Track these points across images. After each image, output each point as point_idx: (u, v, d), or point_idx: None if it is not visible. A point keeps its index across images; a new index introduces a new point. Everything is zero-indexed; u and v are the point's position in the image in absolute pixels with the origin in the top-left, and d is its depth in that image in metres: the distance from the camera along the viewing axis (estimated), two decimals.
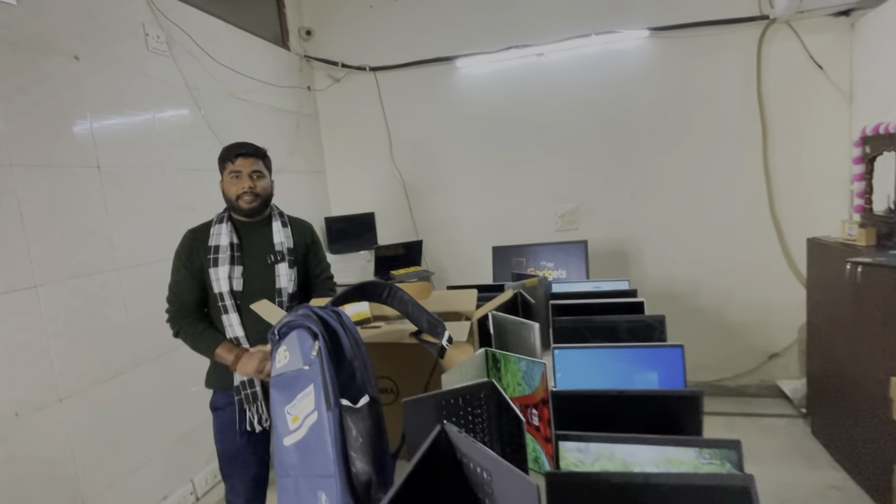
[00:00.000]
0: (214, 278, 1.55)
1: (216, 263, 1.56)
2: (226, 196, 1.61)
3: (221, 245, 1.57)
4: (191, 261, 1.57)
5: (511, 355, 1.13)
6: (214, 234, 1.59)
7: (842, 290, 2.02)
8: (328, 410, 0.89)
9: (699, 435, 1.03)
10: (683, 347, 1.29)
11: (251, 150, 1.63)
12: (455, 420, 0.96)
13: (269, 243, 1.64)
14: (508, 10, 2.94)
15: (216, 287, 1.55)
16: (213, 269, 1.55)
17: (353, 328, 1.00)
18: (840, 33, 2.53)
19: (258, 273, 1.61)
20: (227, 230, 1.59)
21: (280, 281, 1.62)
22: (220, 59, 2.41)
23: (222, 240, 1.57)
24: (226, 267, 1.55)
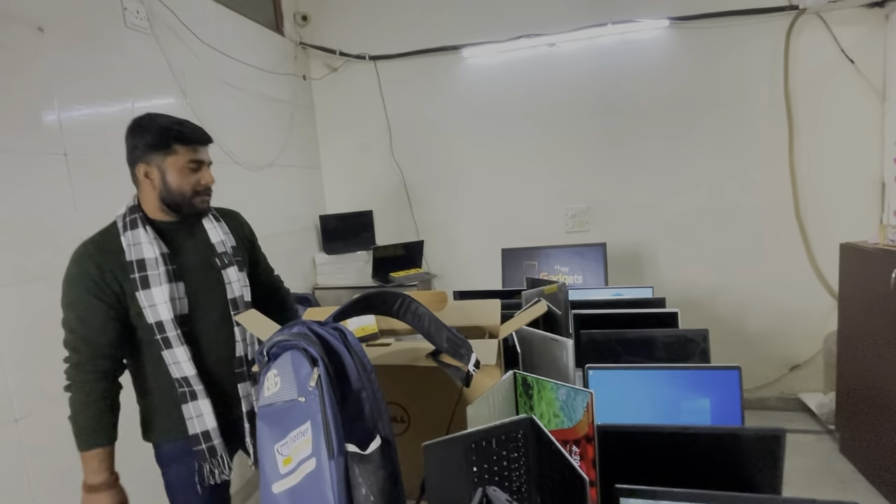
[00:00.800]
0: (148, 304, 1.15)
1: (146, 284, 1.15)
2: (171, 189, 1.19)
3: (147, 259, 1.16)
4: (102, 285, 1.14)
5: (546, 381, 0.95)
6: (130, 244, 1.17)
7: (883, 299, 1.86)
8: (330, 459, 0.70)
9: (777, 484, 0.85)
10: (741, 370, 1.11)
11: (207, 136, 1.27)
12: (487, 467, 0.77)
13: (205, 246, 1.28)
14: None
15: (151, 316, 1.16)
16: (145, 293, 1.15)
17: (361, 351, 0.81)
18: (874, 25, 2.37)
19: (202, 286, 1.25)
20: (148, 238, 1.18)
21: (232, 290, 1.27)
22: (208, 40, 2.21)
23: (145, 251, 1.17)
24: (164, 287, 1.16)
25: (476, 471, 0.77)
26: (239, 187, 2.41)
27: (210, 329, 1.25)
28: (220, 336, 1.26)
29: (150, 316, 1.16)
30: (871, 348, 2.02)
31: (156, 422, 1.29)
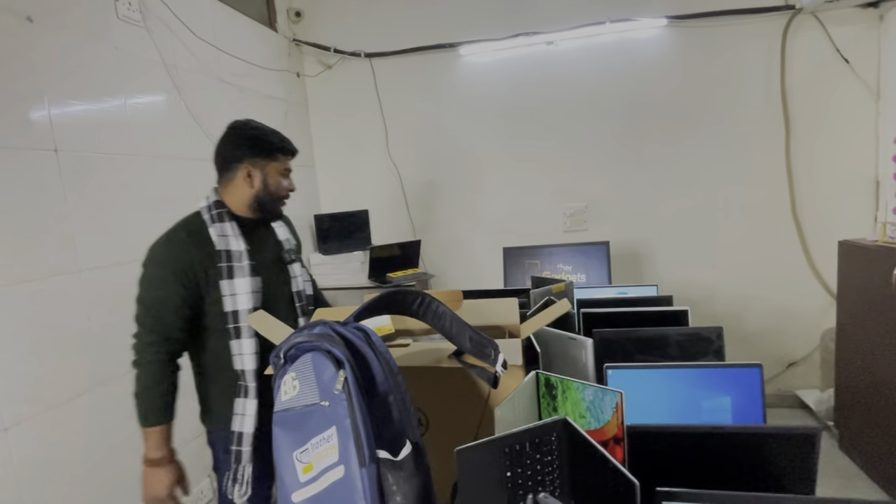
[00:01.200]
0: (230, 293, 1.23)
1: (231, 274, 1.23)
2: (266, 188, 1.30)
3: (233, 251, 1.25)
4: (190, 270, 1.21)
5: (572, 381, 0.92)
6: (218, 235, 1.24)
7: (883, 296, 1.88)
8: (361, 467, 0.66)
9: (811, 484, 0.83)
10: (762, 368, 1.10)
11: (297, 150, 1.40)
12: (521, 471, 0.74)
13: (275, 243, 1.40)
14: None
15: (230, 305, 1.22)
16: (229, 282, 1.23)
17: (387, 352, 0.77)
18: (868, 25, 2.40)
19: (274, 282, 1.35)
20: (234, 232, 1.27)
21: (296, 283, 1.40)
22: (202, 35, 2.15)
23: (232, 244, 1.25)
24: (247, 279, 1.24)
25: (510, 475, 0.74)
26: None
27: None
28: None
29: (229, 305, 1.23)
30: (870, 345, 2.03)
31: (211, 407, 1.36)
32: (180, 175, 1.99)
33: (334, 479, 0.71)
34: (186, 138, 2.06)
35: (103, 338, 1.61)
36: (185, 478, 1.28)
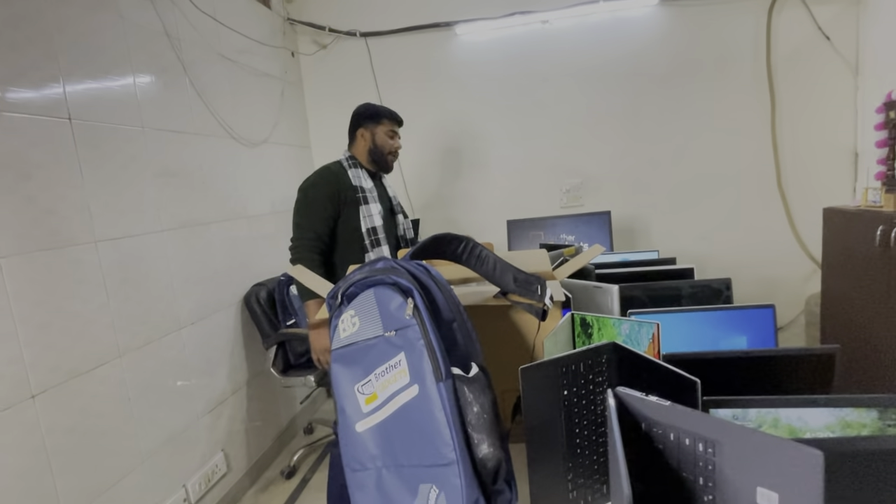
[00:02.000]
0: (366, 214, 1.74)
1: (366, 201, 1.76)
2: (376, 145, 1.86)
3: (366, 186, 1.79)
4: (336, 195, 1.75)
5: (606, 317, 0.98)
6: (354, 176, 1.79)
7: (869, 257, 1.99)
8: (439, 382, 0.70)
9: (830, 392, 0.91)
10: (775, 308, 1.18)
11: (401, 119, 1.97)
12: (576, 390, 0.80)
13: (386, 195, 1.91)
14: None
15: (366, 223, 1.74)
16: (365, 206, 1.75)
17: (447, 284, 0.82)
18: (847, 4, 2.52)
19: (387, 219, 1.85)
20: (365, 175, 1.82)
21: (400, 228, 1.89)
22: (203, 7, 2.12)
23: (365, 182, 1.80)
24: (376, 205, 1.78)
25: (566, 394, 0.79)
26: (235, 162, 2.33)
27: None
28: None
29: (365, 223, 1.75)
30: (855, 305, 2.16)
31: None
32: (184, 148, 1.98)
33: (407, 399, 0.75)
34: (190, 112, 2.04)
35: (121, 309, 1.61)
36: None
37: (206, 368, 2.01)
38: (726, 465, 0.50)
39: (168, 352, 1.80)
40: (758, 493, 0.47)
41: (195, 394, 1.93)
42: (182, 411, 1.85)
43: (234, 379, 2.19)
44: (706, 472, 0.52)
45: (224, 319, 2.15)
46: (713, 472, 0.51)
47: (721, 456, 0.51)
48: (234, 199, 2.30)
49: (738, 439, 0.49)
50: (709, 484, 0.52)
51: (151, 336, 1.73)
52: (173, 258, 1.87)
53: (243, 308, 2.28)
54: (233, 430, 2.15)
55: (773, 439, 0.46)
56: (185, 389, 1.88)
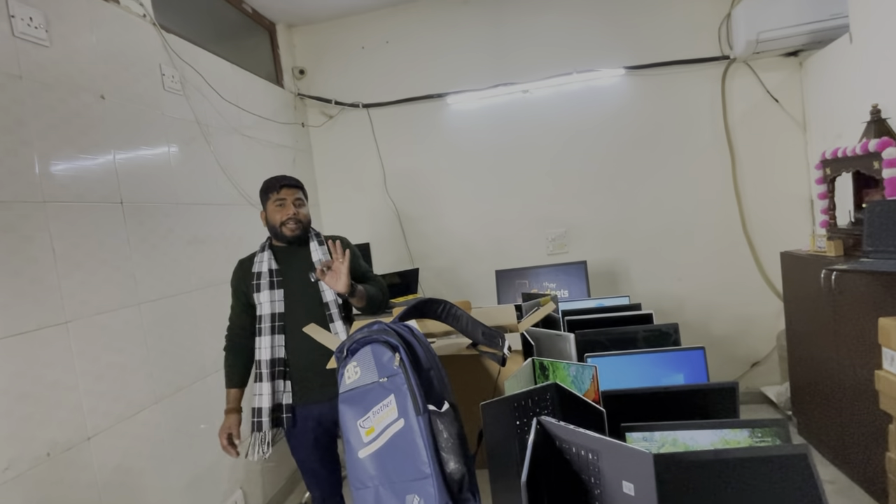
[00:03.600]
0: (258, 302, 1.72)
1: (258, 289, 1.72)
2: (270, 224, 1.77)
3: (262, 272, 1.74)
4: (238, 288, 1.79)
5: (559, 362, 1.23)
6: (257, 262, 1.76)
7: (818, 297, 2.23)
8: (418, 416, 0.95)
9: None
10: (705, 349, 1.42)
11: (293, 181, 1.81)
12: (526, 421, 1.04)
13: (308, 263, 1.76)
14: (494, 50, 3.16)
15: (259, 310, 1.72)
16: (256, 295, 1.72)
17: (426, 341, 1.08)
18: (791, 71, 2.86)
19: (300, 294, 1.74)
20: (267, 257, 1.75)
21: (325, 295, 1.74)
22: (227, 96, 2.48)
23: (263, 266, 1.74)
24: (267, 292, 1.71)
25: (518, 424, 1.03)
26: (252, 225, 2.63)
27: (300, 325, 1.60)
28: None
29: (258, 310, 1.73)
30: (813, 341, 2.37)
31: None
32: (210, 218, 2.29)
33: (395, 430, 1.00)
34: (214, 185, 2.37)
35: (157, 360, 1.87)
36: (237, 426, 1.78)
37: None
38: (605, 467, 0.74)
39: (196, 397, 2.05)
40: (623, 485, 0.71)
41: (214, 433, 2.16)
42: (207, 452, 2.07)
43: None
44: (594, 473, 0.76)
45: None
46: (598, 472, 0.75)
47: (602, 461, 0.75)
48: None
49: (610, 450, 0.73)
50: (596, 481, 0.75)
51: (182, 384, 1.98)
52: (201, 314, 2.14)
53: None
54: (250, 469, 2.36)
55: (627, 448, 0.71)
56: (210, 431, 2.11)
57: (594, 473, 0.76)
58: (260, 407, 1.69)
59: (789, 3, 2.57)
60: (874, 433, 1.91)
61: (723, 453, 0.87)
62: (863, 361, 1.95)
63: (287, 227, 1.73)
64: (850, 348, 2.06)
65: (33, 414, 1.41)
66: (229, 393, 1.79)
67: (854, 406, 2.07)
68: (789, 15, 2.57)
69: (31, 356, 1.42)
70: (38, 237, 1.48)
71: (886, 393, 1.66)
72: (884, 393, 1.68)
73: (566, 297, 2.52)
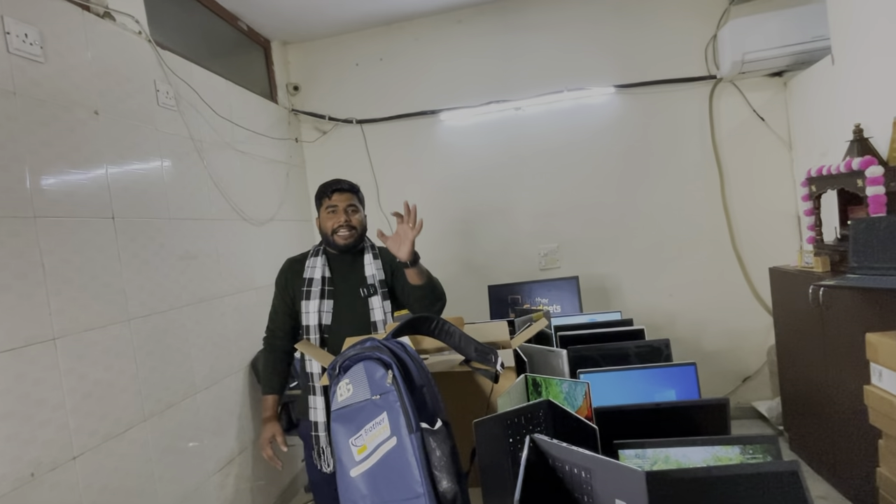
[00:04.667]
0: (305, 311, 1.64)
1: (308, 297, 1.64)
2: (322, 230, 1.70)
3: (314, 278, 1.66)
4: (285, 289, 1.72)
5: (552, 378, 1.23)
6: (309, 266, 1.68)
7: (807, 312, 2.25)
8: (411, 434, 0.95)
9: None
10: (696, 365, 1.43)
11: (346, 185, 1.73)
12: (519, 438, 1.04)
13: (361, 277, 1.69)
14: (487, 68, 3.21)
15: (305, 319, 1.64)
16: (305, 302, 1.64)
17: (419, 357, 1.08)
18: (776, 91, 2.93)
19: (350, 307, 1.66)
20: (321, 263, 1.68)
21: (374, 314, 1.67)
22: (221, 112, 2.49)
23: (316, 273, 1.66)
24: (316, 301, 1.63)
25: (511, 441, 1.03)
26: (245, 240, 2.63)
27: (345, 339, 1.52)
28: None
29: (304, 319, 1.65)
30: (802, 356, 2.39)
31: (300, 401, 1.74)
32: (202, 233, 2.28)
33: (388, 448, 0.99)
34: (207, 200, 2.36)
35: (147, 377, 1.84)
36: (282, 433, 1.70)
37: (217, 429, 2.21)
38: (598, 486, 0.74)
39: (185, 415, 2.02)
40: (616, 503, 0.72)
41: (207, 454, 2.13)
42: (195, 471, 2.04)
43: (242, 439, 2.38)
44: (587, 491, 0.76)
45: (233, 383, 2.38)
46: (591, 491, 0.75)
47: (595, 479, 0.75)
48: (244, 273, 2.58)
49: (602, 468, 0.73)
50: (589, 499, 0.75)
51: (172, 401, 1.96)
52: (191, 330, 2.12)
53: (250, 372, 2.50)
54: (239, 488, 2.32)
55: (620, 466, 0.71)
56: (199, 450, 2.08)
57: (587, 492, 0.76)
58: (316, 421, 1.63)
59: (773, 25, 2.65)
60: (865, 448, 1.92)
61: (714, 470, 0.87)
62: (852, 376, 1.97)
63: (339, 235, 1.66)
64: (839, 363, 2.08)
65: (18, 433, 1.38)
66: (266, 399, 1.72)
67: (844, 421, 2.08)
68: (773, 37, 2.64)
69: (17, 373, 1.40)
70: (27, 252, 1.46)
71: (875, 408, 1.68)
72: (873, 408, 1.69)
73: (558, 312, 2.53)
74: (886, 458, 1.67)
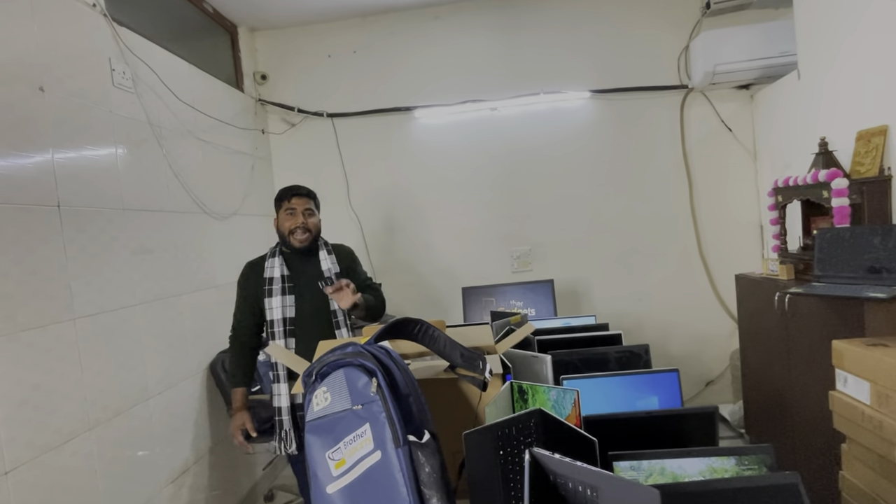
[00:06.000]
0: (269, 307, 1.80)
1: (271, 294, 1.80)
2: (279, 231, 1.87)
3: (274, 277, 1.82)
4: (246, 289, 1.87)
5: (539, 385, 1.18)
6: (268, 266, 1.84)
7: (772, 318, 2.31)
8: (398, 448, 0.87)
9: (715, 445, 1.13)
10: (679, 371, 1.42)
11: (304, 190, 1.91)
12: (509, 450, 0.98)
13: (318, 271, 1.86)
14: (463, 67, 3.16)
15: (269, 315, 1.80)
16: (268, 299, 1.80)
17: (404, 364, 1.00)
18: (743, 102, 3.01)
19: (310, 300, 1.83)
20: (278, 263, 1.83)
21: (333, 304, 1.83)
22: (183, 97, 2.33)
23: (275, 272, 1.82)
24: (279, 297, 1.80)
25: (502, 454, 0.97)
26: (206, 235, 2.47)
27: (309, 330, 1.79)
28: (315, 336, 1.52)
29: (268, 315, 1.81)
30: (765, 361, 2.46)
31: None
32: (159, 226, 2.12)
33: (371, 463, 0.91)
34: (166, 191, 2.20)
35: (94, 383, 1.68)
36: (251, 421, 1.82)
37: (171, 437, 2.06)
38: None
39: (135, 422, 1.86)
40: None
41: (159, 463, 1.97)
42: (146, 482, 1.88)
43: (198, 447, 2.22)
44: None
45: (190, 387, 2.22)
46: None
47: (601, 498, 0.70)
48: (204, 270, 2.42)
49: (610, 485, 0.69)
50: None
51: (121, 407, 1.80)
52: (145, 330, 1.96)
53: (209, 376, 2.35)
54: (194, 499, 2.16)
55: (631, 484, 0.66)
56: (150, 459, 1.92)
57: None
58: (279, 406, 1.77)
59: (743, 38, 2.72)
60: (827, 452, 1.98)
61: (715, 483, 0.84)
62: (815, 381, 2.03)
63: (295, 237, 1.83)
64: (802, 368, 2.13)
65: None
66: (235, 392, 1.86)
67: (807, 425, 2.14)
68: (743, 50, 2.71)
69: None
70: None
71: (840, 413, 1.72)
72: (838, 413, 1.74)
73: (533, 315, 2.51)
74: (850, 462, 1.72)
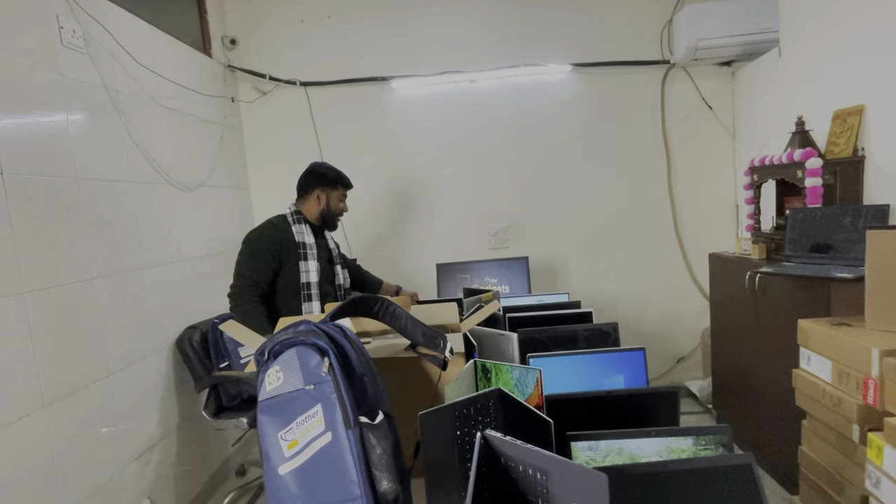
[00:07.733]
0: (304, 270, 1.97)
1: (307, 258, 1.99)
2: (329, 209, 2.13)
3: (307, 242, 2.02)
4: (276, 250, 1.98)
5: (503, 364, 1.16)
6: (298, 232, 2.03)
7: (743, 297, 2.34)
8: (348, 430, 0.85)
9: (676, 425, 1.13)
10: (645, 350, 1.41)
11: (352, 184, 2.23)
12: (467, 430, 0.96)
13: (327, 247, 2.16)
14: (442, 36, 3.05)
15: (304, 278, 1.97)
16: (304, 262, 1.97)
17: (360, 343, 0.97)
18: (724, 80, 2.98)
19: (325, 271, 2.07)
20: (308, 231, 2.06)
21: (338, 278, 2.13)
22: (143, 61, 2.21)
23: (307, 238, 2.03)
24: (313, 262, 2.00)
25: (459, 434, 0.95)
26: (171, 207, 2.38)
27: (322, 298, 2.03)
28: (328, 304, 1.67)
29: (304, 277, 1.98)
30: (735, 339, 2.50)
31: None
32: (118, 197, 2.03)
33: (322, 444, 0.89)
34: (126, 160, 2.10)
35: (47, 358, 1.62)
36: None
37: (136, 414, 2.01)
38: (554, 488, 0.68)
39: (96, 399, 1.81)
40: None
41: (123, 441, 1.93)
42: (108, 460, 1.84)
43: (164, 424, 2.19)
44: (542, 494, 0.69)
45: (155, 364, 2.17)
46: (547, 493, 0.69)
47: (551, 481, 0.68)
48: (169, 243, 2.34)
49: (561, 469, 0.67)
50: (544, 503, 0.69)
51: (79, 384, 1.74)
52: (105, 305, 1.89)
53: (175, 352, 2.29)
54: (161, 475, 2.14)
55: (581, 469, 0.65)
56: (112, 437, 1.88)
57: (542, 494, 0.70)
58: None
59: (726, 13, 2.67)
60: (788, 427, 2.03)
61: (669, 464, 0.83)
62: (781, 359, 2.06)
63: (337, 220, 2.16)
64: (769, 346, 2.17)
65: None
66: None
67: (771, 401, 2.19)
68: (726, 25, 2.67)
69: None
70: None
71: (802, 390, 1.75)
72: (800, 390, 1.77)
73: (507, 292, 2.49)
74: (809, 438, 1.76)
